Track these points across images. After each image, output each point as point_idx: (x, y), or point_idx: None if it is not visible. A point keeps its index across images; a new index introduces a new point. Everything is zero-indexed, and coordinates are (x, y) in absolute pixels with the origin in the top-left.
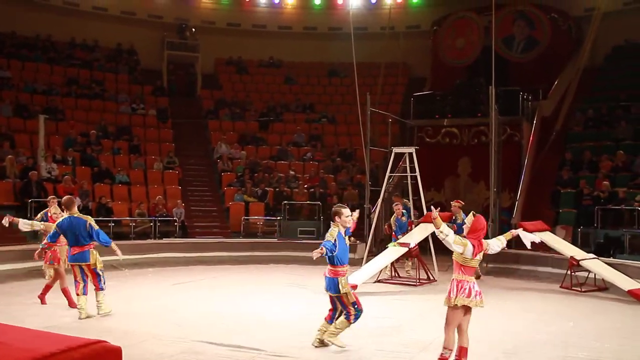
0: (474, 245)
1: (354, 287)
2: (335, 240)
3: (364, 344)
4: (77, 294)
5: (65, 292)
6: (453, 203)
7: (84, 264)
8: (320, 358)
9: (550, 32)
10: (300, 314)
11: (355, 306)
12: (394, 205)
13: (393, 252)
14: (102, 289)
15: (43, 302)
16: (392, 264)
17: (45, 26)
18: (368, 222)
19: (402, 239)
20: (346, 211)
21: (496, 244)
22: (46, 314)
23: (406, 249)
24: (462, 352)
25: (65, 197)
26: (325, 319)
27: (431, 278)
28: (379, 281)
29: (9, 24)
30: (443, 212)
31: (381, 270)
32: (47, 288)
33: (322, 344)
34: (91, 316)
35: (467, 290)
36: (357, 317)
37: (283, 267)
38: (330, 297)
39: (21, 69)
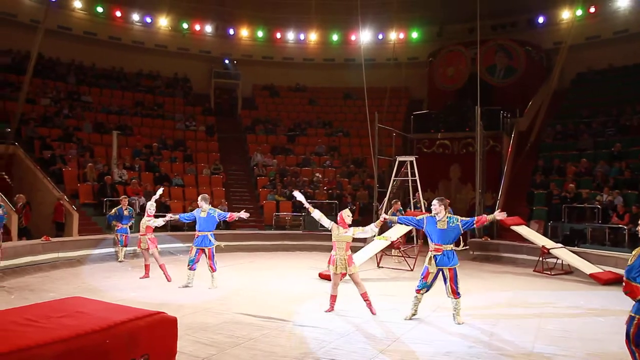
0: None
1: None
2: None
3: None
4: (192, 269)
5: (163, 267)
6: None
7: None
8: (336, 327)
9: (525, 61)
10: (321, 291)
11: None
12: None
13: (378, 243)
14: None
15: (169, 279)
16: (377, 254)
17: (118, 60)
18: (376, 217)
19: (385, 234)
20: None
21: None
22: (117, 289)
23: (389, 242)
24: (364, 295)
25: (204, 195)
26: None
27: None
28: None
29: (90, 58)
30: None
31: (380, 257)
32: (163, 267)
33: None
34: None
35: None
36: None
37: (307, 254)
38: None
39: (99, 94)
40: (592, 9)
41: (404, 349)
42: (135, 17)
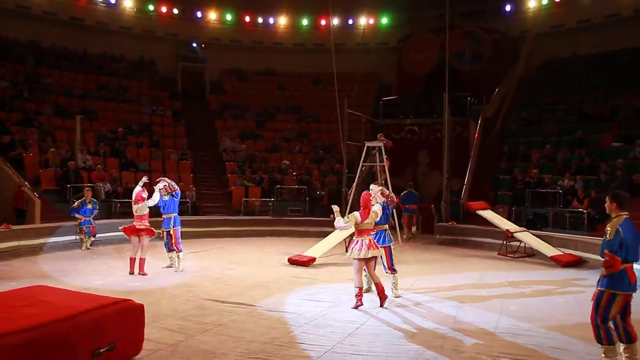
0: (361, 215)
1: (313, 259)
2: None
3: (341, 301)
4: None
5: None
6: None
7: None
8: (305, 312)
9: (492, 49)
10: (289, 276)
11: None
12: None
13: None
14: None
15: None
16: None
17: (81, 42)
18: (345, 202)
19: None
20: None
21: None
22: (82, 278)
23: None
24: (378, 286)
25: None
26: None
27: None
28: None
29: (50, 40)
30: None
31: (349, 242)
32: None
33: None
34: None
35: (359, 246)
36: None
37: (276, 239)
38: None
39: (60, 77)
40: None
41: (371, 332)
42: None
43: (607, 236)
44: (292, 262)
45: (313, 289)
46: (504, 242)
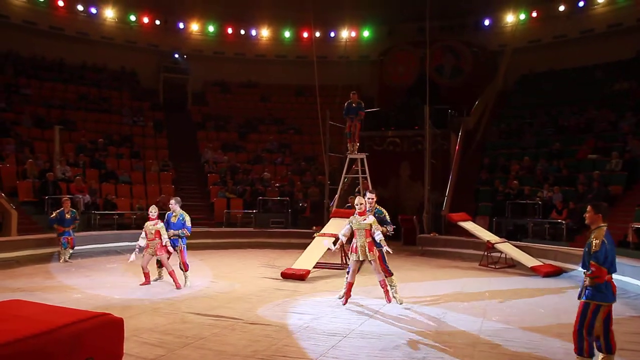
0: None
1: (308, 272)
2: None
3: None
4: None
5: (172, 274)
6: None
7: None
8: (287, 325)
9: (472, 62)
10: (271, 289)
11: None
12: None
13: (324, 242)
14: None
15: (178, 286)
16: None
17: (61, 51)
18: (327, 214)
19: (324, 230)
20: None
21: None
22: (60, 292)
23: (333, 238)
24: (381, 283)
25: (177, 198)
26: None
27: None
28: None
29: (29, 49)
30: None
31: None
32: (172, 274)
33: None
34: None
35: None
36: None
37: (258, 251)
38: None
39: (40, 87)
40: (534, 14)
41: (354, 344)
42: (79, 7)
43: (594, 247)
44: (287, 276)
45: (295, 301)
46: (485, 253)
